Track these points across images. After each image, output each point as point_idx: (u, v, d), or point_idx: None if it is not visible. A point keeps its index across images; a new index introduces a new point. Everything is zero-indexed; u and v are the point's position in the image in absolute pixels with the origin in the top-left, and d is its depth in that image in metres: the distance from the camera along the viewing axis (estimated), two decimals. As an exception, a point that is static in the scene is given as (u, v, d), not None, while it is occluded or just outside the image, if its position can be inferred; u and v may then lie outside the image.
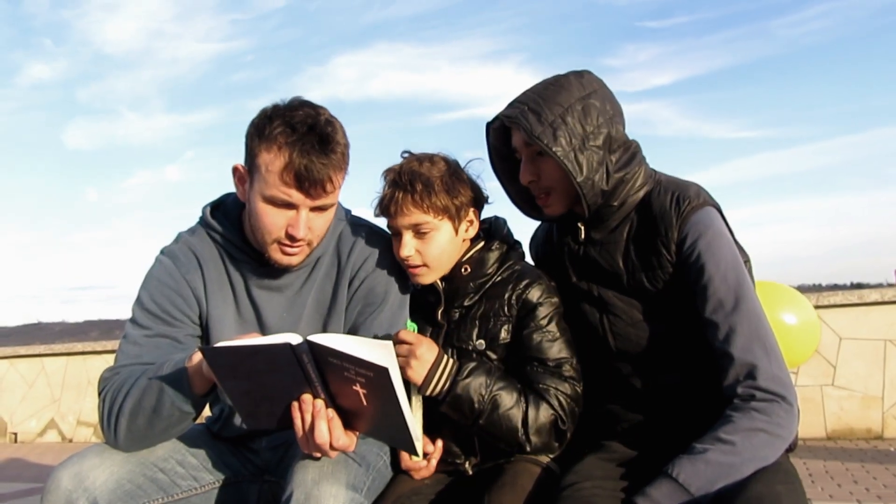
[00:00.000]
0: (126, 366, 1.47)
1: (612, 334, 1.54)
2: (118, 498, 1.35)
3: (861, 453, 4.45)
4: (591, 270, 1.57)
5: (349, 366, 1.15)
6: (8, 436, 7.69)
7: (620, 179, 1.48)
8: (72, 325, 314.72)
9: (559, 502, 1.38)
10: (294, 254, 1.49)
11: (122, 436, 1.39)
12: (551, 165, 1.50)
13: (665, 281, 1.47)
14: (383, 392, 1.16)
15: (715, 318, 1.39)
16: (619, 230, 1.53)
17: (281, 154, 1.39)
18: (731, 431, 1.32)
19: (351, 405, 1.23)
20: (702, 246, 1.42)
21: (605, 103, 1.50)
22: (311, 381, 1.21)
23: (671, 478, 1.30)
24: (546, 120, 1.45)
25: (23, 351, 7.91)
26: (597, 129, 1.46)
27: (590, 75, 1.54)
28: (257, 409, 1.28)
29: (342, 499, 1.24)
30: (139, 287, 1.56)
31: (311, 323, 1.58)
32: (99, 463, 1.36)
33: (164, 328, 1.51)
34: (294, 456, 1.54)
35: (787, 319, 2.22)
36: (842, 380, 5.00)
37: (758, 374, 1.34)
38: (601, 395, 1.59)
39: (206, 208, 1.62)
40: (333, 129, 1.43)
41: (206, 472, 1.53)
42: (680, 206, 1.45)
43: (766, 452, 1.31)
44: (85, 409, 7.40)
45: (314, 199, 1.42)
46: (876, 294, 5.04)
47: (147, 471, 1.42)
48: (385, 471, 1.53)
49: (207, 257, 1.57)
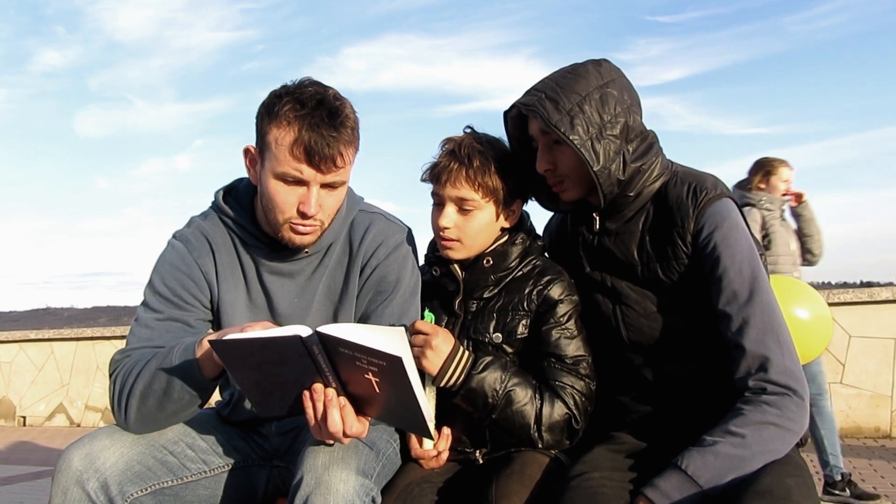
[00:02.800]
0: (137, 348, 1.47)
1: (624, 325, 1.53)
2: (128, 479, 1.36)
3: (869, 451, 4.43)
4: (605, 260, 1.56)
5: (361, 355, 1.14)
6: (17, 419, 7.77)
7: (637, 169, 1.47)
8: (80, 310, 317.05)
9: (567, 492, 1.37)
10: (307, 233, 1.48)
11: (133, 417, 1.40)
12: (568, 154, 1.48)
13: (680, 272, 1.46)
14: (397, 380, 1.15)
15: (728, 309, 1.39)
16: (635, 220, 1.52)
17: (290, 129, 1.38)
18: (742, 424, 1.31)
19: (363, 392, 1.22)
20: (718, 237, 1.41)
21: (623, 92, 1.49)
22: (322, 371, 1.20)
23: (680, 470, 1.29)
24: (563, 108, 1.44)
25: (32, 335, 7.98)
26: (614, 118, 1.45)
27: (608, 64, 1.52)
28: (268, 397, 1.28)
29: (352, 483, 1.24)
30: (151, 271, 1.56)
31: (321, 309, 1.58)
32: (110, 444, 1.36)
33: (176, 312, 1.51)
34: (304, 441, 1.53)
35: (800, 314, 2.21)
36: (851, 378, 4.98)
37: (770, 367, 1.33)
38: (611, 385, 1.58)
39: (218, 193, 1.62)
40: (342, 105, 1.43)
41: (216, 456, 1.53)
42: (697, 197, 1.44)
43: (776, 446, 1.30)
44: (93, 393, 7.46)
45: (325, 175, 1.42)
46: (887, 292, 5.01)
47: (157, 453, 1.42)
48: (395, 458, 1.53)
49: (220, 242, 1.57)
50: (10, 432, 7.17)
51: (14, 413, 7.80)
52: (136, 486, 1.37)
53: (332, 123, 1.39)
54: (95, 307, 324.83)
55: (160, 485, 1.42)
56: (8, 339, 8.05)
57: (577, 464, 1.47)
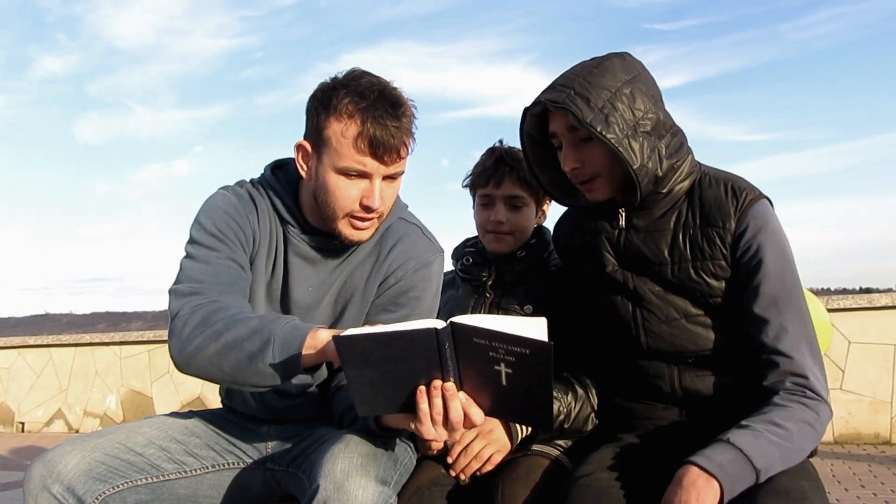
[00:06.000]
0: (207, 283, 1.40)
1: (644, 330, 1.48)
2: (93, 479, 1.35)
3: (868, 458, 4.43)
4: (631, 259, 1.50)
5: (499, 345, 1.09)
6: (15, 425, 7.75)
7: (671, 166, 1.43)
8: (79, 316, 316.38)
9: (574, 491, 1.35)
10: (366, 227, 1.46)
11: (198, 355, 1.32)
12: (598, 151, 1.43)
13: (713, 273, 1.41)
14: (536, 369, 1.10)
15: (766, 314, 1.36)
16: (666, 218, 1.46)
17: (353, 122, 1.36)
18: (787, 418, 1.28)
19: (479, 387, 1.18)
20: (762, 240, 1.38)
21: (650, 87, 1.45)
22: (445, 365, 1.16)
23: (734, 446, 1.23)
24: (596, 105, 1.37)
25: (31, 341, 7.96)
26: (645, 114, 1.40)
27: (631, 57, 1.47)
28: (377, 396, 1.23)
29: (371, 491, 1.22)
30: (199, 214, 1.52)
31: (331, 304, 1.56)
32: (70, 450, 1.36)
33: (230, 252, 1.47)
34: (304, 449, 1.54)
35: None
36: (850, 384, 4.98)
37: (807, 374, 1.32)
38: (622, 391, 1.56)
39: (267, 167, 1.61)
40: (400, 94, 1.41)
41: (192, 458, 1.52)
42: (738, 198, 1.40)
43: (808, 446, 1.30)
44: (92, 399, 7.44)
45: (388, 166, 1.40)
46: (886, 298, 5.00)
47: (123, 454, 1.41)
48: (410, 465, 1.51)
49: (263, 209, 1.55)
50: (8, 438, 7.15)
51: (12, 419, 7.78)
52: (105, 485, 1.36)
53: (395, 114, 1.37)
54: (94, 313, 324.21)
55: (133, 482, 1.40)
56: (6, 344, 8.02)
57: (583, 464, 1.44)
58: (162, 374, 7.16)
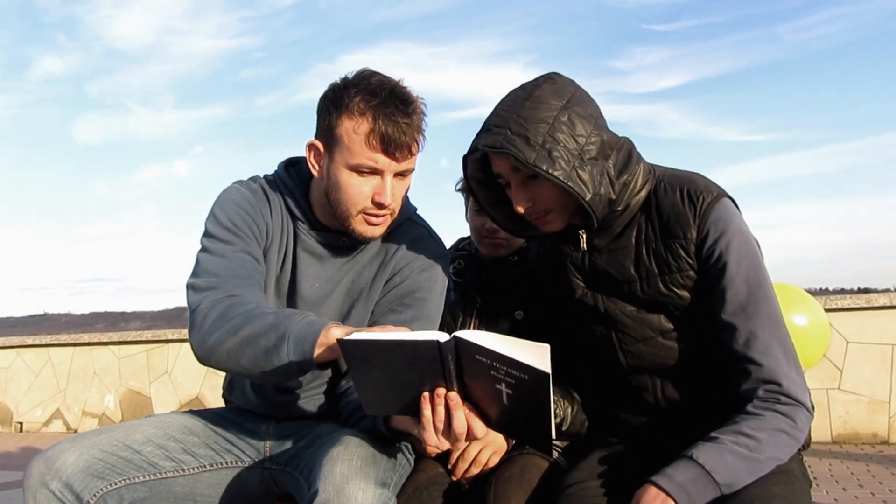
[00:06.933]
0: (223, 277, 1.42)
1: (622, 352, 1.47)
2: (91, 476, 1.36)
3: (867, 458, 4.43)
4: (598, 280, 1.48)
5: (500, 365, 1.10)
6: (13, 425, 7.74)
7: (623, 184, 1.39)
8: (77, 316, 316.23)
9: (563, 499, 1.36)
10: (379, 223, 1.47)
11: (216, 346, 1.34)
12: (547, 187, 1.37)
13: (683, 284, 1.39)
14: (534, 394, 1.11)
15: (734, 321, 1.34)
16: (626, 235, 1.44)
17: (364, 119, 1.38)
18: (758, 428, 1.27)
19: (483, 400, 1.19)
20: (723, 244, 1.35)
21: (587, 107, 1.39)
22: (449, 376, 1.16)
23: (696, 463, 1.23)
24: (536, 142, 1.31)
25: (30, 341, 7.96)
26: (588, 139, 1.35)
27: (561, 77, 1.41)
28: (383, 397, 1.24)
29: (371, 494, 1.23)
30: (213, 208, 1.54)
31: (338, 302, 1.57)
32: (69, 447, 1.37)
33: (245, 245, 1.49)
34: (302, 448, 1.54)
35: (798, 321, 2.21)
36: (848, 384, 4.98)
37: (780, 379, 1.30)
38: (611, 403, 1.55)
39: (281, 164, 1.63)
40: (410, 92, 1.43)
41: (190, 456, 1.52)
42: (695, 203, 1.37)
43: (783, 455, 1.28)
44: (90, 399, 7.44)
45: (399, 163, 1.42)
46: (884, 298, 5.01)
47: (122, 452, 1.42)
48: (409, 466, 1.52)
49: (276, 204, 1.57)
50: (6, 438, 7.15)
51: (11, 419, 7.78)
52: (103, 482, 1.37)
53: (406, 111, 1.40)
54: (93, 313, 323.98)
55: (130, 480, 1.41)
56: (5, 344, 8.02)
57: (574, 471, 1.45)
58: (160, 373, 7.16)
